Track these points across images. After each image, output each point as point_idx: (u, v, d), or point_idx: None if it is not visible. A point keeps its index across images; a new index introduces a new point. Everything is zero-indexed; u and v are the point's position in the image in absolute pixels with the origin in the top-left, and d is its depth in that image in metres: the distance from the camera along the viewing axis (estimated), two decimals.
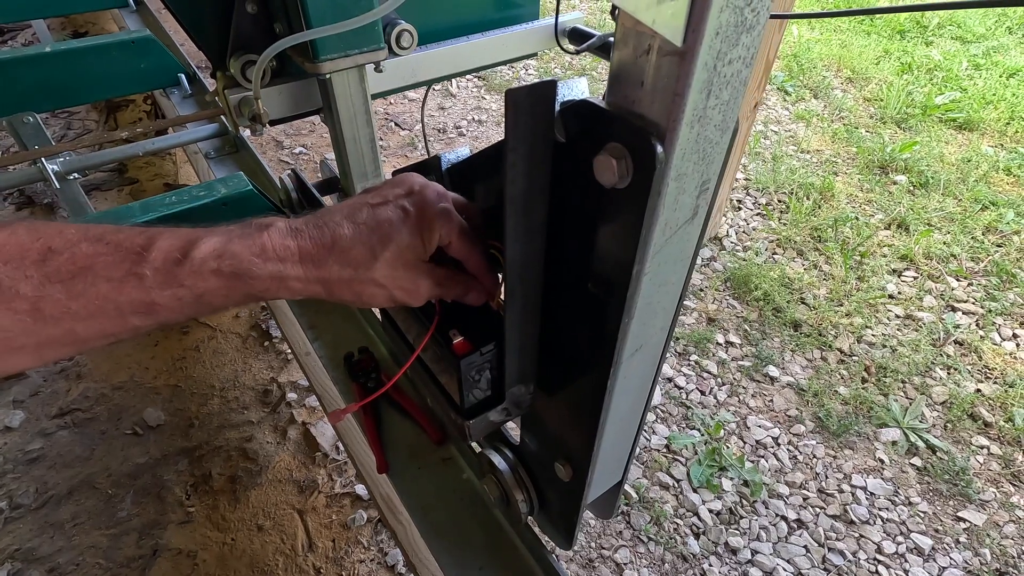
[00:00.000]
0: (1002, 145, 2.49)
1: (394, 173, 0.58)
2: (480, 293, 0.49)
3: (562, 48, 1.05)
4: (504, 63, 1.09)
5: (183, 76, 1.65)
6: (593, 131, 0.34)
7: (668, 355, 0.48)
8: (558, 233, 0.42)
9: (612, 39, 1.02)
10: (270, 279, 0.40)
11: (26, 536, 1.21)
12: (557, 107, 0.36)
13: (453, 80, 2.93)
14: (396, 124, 2.61)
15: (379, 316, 1.00)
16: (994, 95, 2.77)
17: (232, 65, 0.81)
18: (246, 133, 1.47)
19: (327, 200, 1.13)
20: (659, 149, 0.31)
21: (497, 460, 0.67)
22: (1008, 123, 2.60)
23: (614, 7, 0.31)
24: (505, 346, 0.47)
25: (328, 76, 0.80)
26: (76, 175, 1.36)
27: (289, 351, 1.60)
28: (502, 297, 0.49)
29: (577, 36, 1.08)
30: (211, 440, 1.40)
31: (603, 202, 0.36)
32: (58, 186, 1.32)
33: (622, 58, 0.31)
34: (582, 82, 0.38)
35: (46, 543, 1.20)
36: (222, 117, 1.45)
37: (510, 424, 0.70)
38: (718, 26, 0.27)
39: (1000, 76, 2.95)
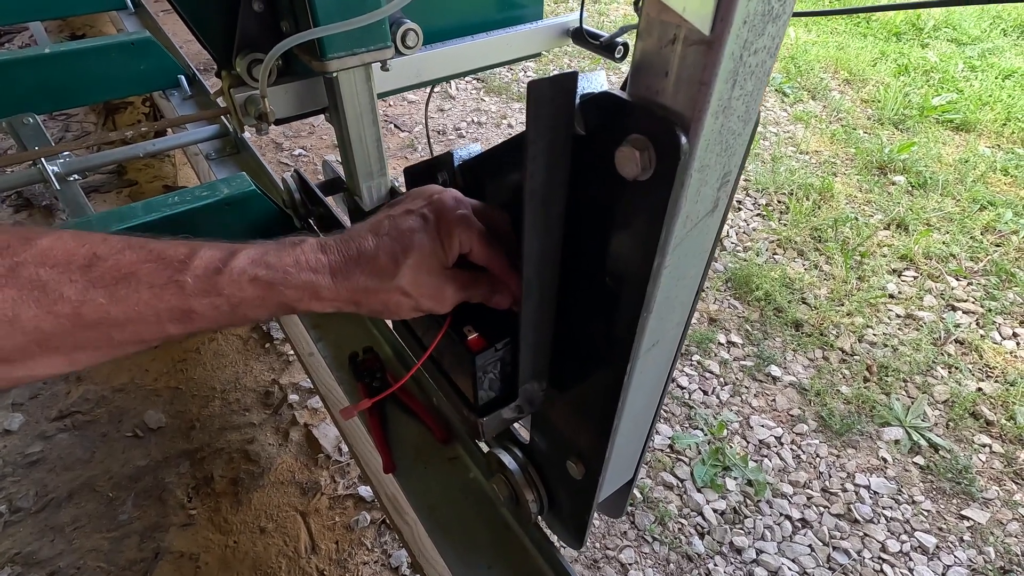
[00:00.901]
0: (999, 146, 2.51)
1: (405, 170, 0.58)
2: (506, 295, 0.48)
3: (587, 34, 1.05)
4: (508, 63, 1.09)
5: (183, 78, 1.65)
6: (614, 123, 0.34)
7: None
8: (576, 227, 0.42)
9: (618, 39, 1.02)
10: (303, 289, 0.41)
11: (26, 540, 1.20)
12: (576, 100, 0.36)
13: (452, 82, 2.94)
14: (395, 126, 2.61)
15: (388, 320, 1.00)
16: (990, 96, 2.79)
17: (238, 64, 0.80)
18: (246, 134, 1.47)
19: (330, 200, 1.12)
20: (683, 140, 0.31)
21: (507, 459, 0.66)
22: (1005, 124, 2.61)
23: None
24: (520, 342, 0.47)
25: (335, 75, 0.80)
26: (76, 176, 1.36)
27: (291, 352, 1.60)
28: None
29: (580, 35, 1.09)
30: (212, 442, 1.39)
31: (623, 195, 0.36)
32: (58, 187, 1.32)
33: (646, 48, 0.31)
34: (601, 75, 0.37)
35: (46, 547, 1.19)
36: (223, 118, 1.45)
37: (517, 424, 0.69)
38: (746, 14, 0.27)
39: (996, 78, 2.97)
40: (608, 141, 0.34)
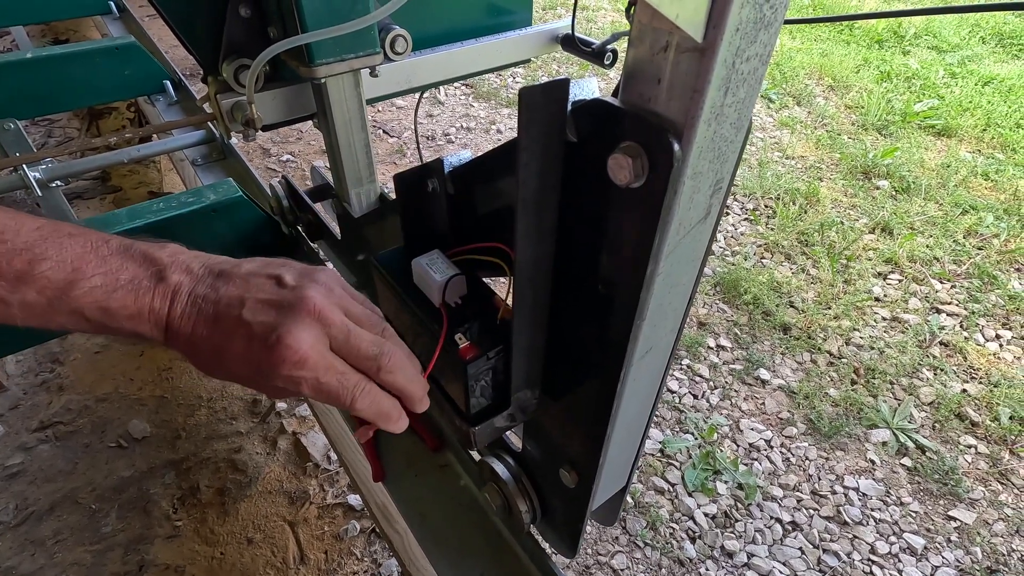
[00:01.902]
0: (979, 151, 2.55)
1: (395, 177, 0.57)
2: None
3: (578, 41, 1.06)
4: (498, 69, 1.09)
5: (168, 83, 1.63)
6: (607, 130, 0.34)
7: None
8: (568, 235, 0.41)
9: (609, 47, 1.02)
10: (136, 336, 0.41)
11: (6, 554, 1.17)
12: (568, 107, 0.36)
13: (441, 88, 2.93)
14: (384, 132, 2.60)
15: None
16: (970, 102, 2.84)
17: (224, 70, 0.80)
18: (233, 140, 1.46)
19: (318, 207, 1.11)
20: (676, 147, 0.30)
21: (499, 468, 0.66)
22: (985, 129, 2.66)
23: (631, 5, 0.31)
24: (512, 350, 0.46)
25: (323, 81, 0.79)
26: (59, 182, 1.34)
27: None
28: (509, 302, 0.49)
29: (569, 42, 1.09)
30: (199, 452, 1.37)
31: (616, 202, 0.36)
32: (40, 194, 1.29)
33: (638, 56, 0.31)
34: (592, 82, 0.37)
35: (27, 561, 1.17)
36: (209, 124, 1.44)
37: (509, 431, 0.69)
38: (739, 22, 0.27)
39: (975, 84, 3.02)
40: (600, 148, 0.34)
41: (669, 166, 0.31)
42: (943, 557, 1.23)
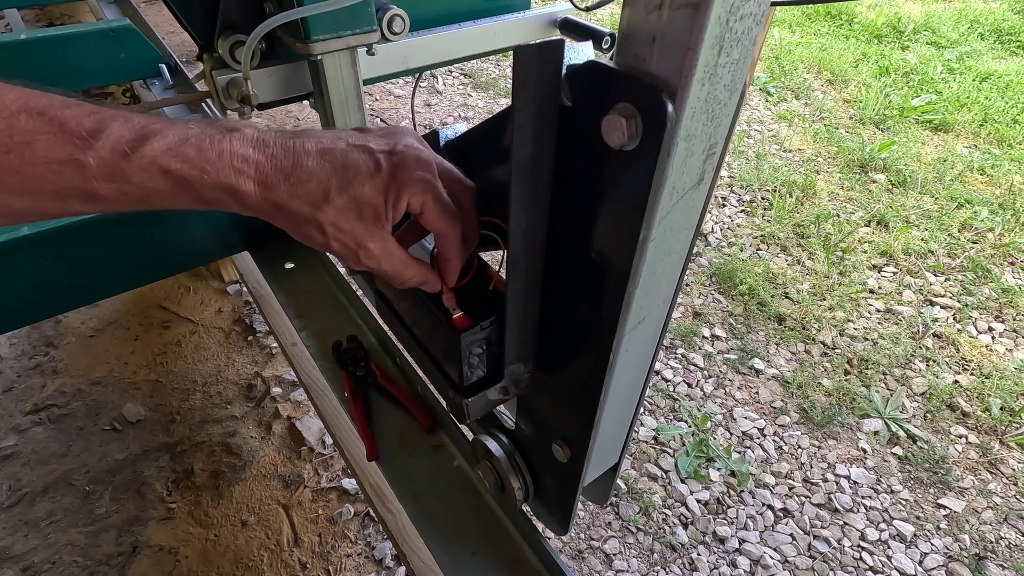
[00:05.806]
0: (976, 146, 2.56)
1: None
2: (435, 282, 0.47)
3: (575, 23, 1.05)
4: (495, 52, 1.09)
5: (164, 67, 1.61)
6: (601, 93, 0.34)
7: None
8: (562, 201, 0.41)
9: (607, 32, 1.01)
10: (221, 190, 0.38)
11: None
12: (563, 71, 0.36)
13: (439, 77, 2.92)
14: (382, 120, 2.59)
15: (372, 309, 0.99)
16: (968, 98, 2.84)
17: (220, 46, 0.79)
18: (233, 117, 1.45)
19: None
20: (670, 107, 0.31)
21: (492, 445, 0.66)
22: (981, 125, 2.67)
23: None
24: (506, 320, 0.46)
25: (319, 58, 0.79)
26: None
27: (274, 345, 1.58)
28: (502, 273, 0.49)
29: (568, 26, 1.09)
30: (193, 435, 1.37)
31: (610, 166, 0.36)
32: None
33: (633, 16, 0.31)
34: (587, 46, 0.37)
35: (20, 541, 1.17)
36: (203, 104, 1.43)
37: (502, 409, 0.69)
38: None
39: (973, 80, 3.03)
40: (595, 112, 0.34)
41: (662, 126, 0.31)
42: (932, 544, 1.24)
